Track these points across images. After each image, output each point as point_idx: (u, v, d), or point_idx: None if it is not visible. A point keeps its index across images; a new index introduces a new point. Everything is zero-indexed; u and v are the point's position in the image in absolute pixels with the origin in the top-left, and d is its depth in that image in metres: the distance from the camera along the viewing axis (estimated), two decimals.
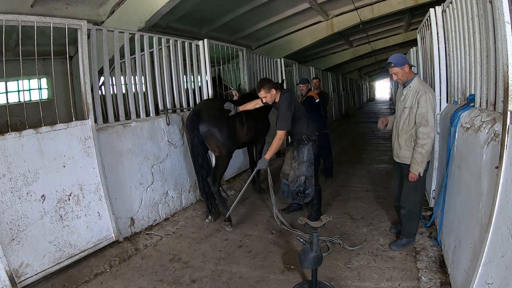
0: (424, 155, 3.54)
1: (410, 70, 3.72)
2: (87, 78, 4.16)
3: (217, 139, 4.93)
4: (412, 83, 3.69)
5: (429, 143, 3.51)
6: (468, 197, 2.90)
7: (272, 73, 10.06)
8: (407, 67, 3.69)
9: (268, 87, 4.44)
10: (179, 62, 5.92)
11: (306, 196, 4.69)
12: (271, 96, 4.48)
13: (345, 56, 18.47)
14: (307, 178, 4.64)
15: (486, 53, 2.84)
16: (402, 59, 3.71)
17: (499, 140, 2.22)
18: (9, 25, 3.46)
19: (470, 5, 3.20)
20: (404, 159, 3.79)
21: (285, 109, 4.40)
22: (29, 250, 3.51)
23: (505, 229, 2.03)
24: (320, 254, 3.23)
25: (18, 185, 3.47)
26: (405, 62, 3.68)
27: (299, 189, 4.67)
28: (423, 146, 3.51)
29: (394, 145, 3.95)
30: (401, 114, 3.79)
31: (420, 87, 3.61)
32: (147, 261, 4.16)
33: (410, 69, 3.73)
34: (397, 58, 3.73)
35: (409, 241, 4.02)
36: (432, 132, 3.51)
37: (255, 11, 9.40)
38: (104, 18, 6.88)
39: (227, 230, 4.83)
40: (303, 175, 4.62)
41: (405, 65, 3.67)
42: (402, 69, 3.69)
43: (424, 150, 3.52)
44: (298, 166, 4.65)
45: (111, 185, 4.39)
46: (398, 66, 3.68)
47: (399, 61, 3.68)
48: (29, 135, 3.59)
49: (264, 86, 4.44)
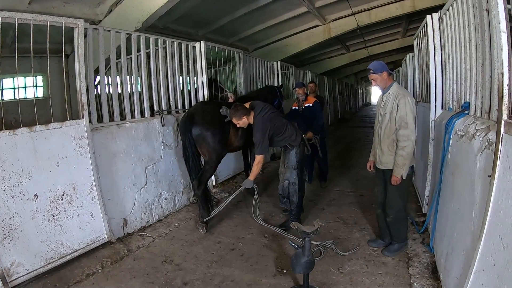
0: (406, 157, 3.60)
1: (388, 76, 3.82)
2: (82, 78, 4.15)
3: (208, 143, 4.89)
4: (391, 89, 3.78)
5: (409, 145, 3.58)
6: (461, 204, 2.91)
7: (269, 76, 10.08)
8: (385, 74, 3.78)
9: (238, 116, 4.49)
10: (175, 64, 5.91)
11: (291, 203, 4.73)
12: (244, 123, 4.55)
13: (341, 60, 18.56)
14: (290, 184, 4.68)
15: (482, 61, 2.85)
16: (380, 66, 3.82)
17: (492, 149, 2.23)
18: (6, 22, 3.43)
19: (466, 13, 3.22)
20: (387, 165, 3.81)
21: (261, 135, 4.43)
22: (21, 249, 3.49)
23: (497, 238, 2.04)
24: (312, 259, 3.24)
25: (11, 184, 3.45)
26: (384, 69, 3.78)
27: (283, 193, 4.73)
28: (403, 148, 3.58)
29: (377, 151, 3.98)
30: (382, 120, 3.85)
31: (398, 91, 3.71)
32: (139, 262, 4.14)
33: (389, 76, 3.83)
34: (376, 64, 3.84)
35: (401, 245, 4.02)
36: (413, 135, 3.58)
37: (252, 14, 9.43)
38: (102, 17, 6.85)
39: (200, 231, 4.85)
40: (287, 180, 4.69)
41: (383, 71, 3.77)
42: (381, 76, 3.79)
43: (405, 152, 3.58)
44: (284, 170, 4.75)
45: (104, 185, 4.36)
46: (377, 72, 3.79)
47: (378, 68, 3.79)
48: (23, 133, 3.56)
49: (235, 115, 4.50)
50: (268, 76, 10.00)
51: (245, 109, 4.51)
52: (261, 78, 9.47)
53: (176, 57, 5.92)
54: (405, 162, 3.61)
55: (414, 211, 4.99)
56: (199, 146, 4.92)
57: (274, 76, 10.48)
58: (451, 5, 3.79)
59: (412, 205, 5.22)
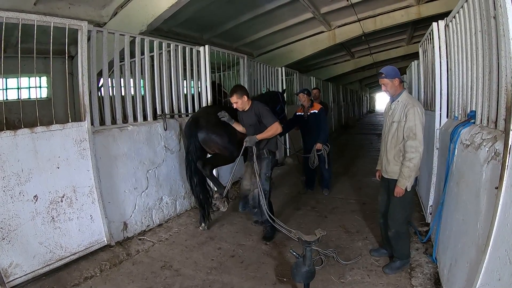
0: (412, 169, 3.49)
1: (400, 84, 3.70)
2: (85, 80, 4.14)
3: (218, 143, 4.89)
4: (401, 97, 3.67)
5: (417, 157, 3.46)
6: (465, 215, 2.86)
7: (273, 81, 10.06)
8: (397, 81, 3.67)
9: (240, 93, 4.53)
10: (179, 67, 5.89)
11: (263, 212, 4.48)
12: (242, 103, 4.57)
13: (346, 67, 18.57)
14: (261, 192, 4.49)
15: (489, 69, 2.80)
16: (394, 71, 3.69)
17: (499, 160, 2.18)
18: (10, 22, 3.44)
19: (473, 21, 3.18)
20: (392, 174, 3.71)
21: (267, 110, 4.55)
22: (19, 250, 3.48)
23: (503, 252, 1.99)
24: (313, 268, 3.21)
25: (11, 184, 3.44)
26: (396, 75, 3.66)
27: (254, 203, 4.64)
28: (410, 160, 3.46)
29: (382, 160, 3.89)
30: (389, 128, 3.74)
31: (408, 100, 3.59)
32: (138, 267, 4.11)
33: (400, 83, 3.71)
34: (389, 70, 3.71)
35: (403, 263, 3.85)
36: (421, 147, 3.47)
37: (257, 19, 9.45)
38: (107, 19, 6.88)
39: (222, 209, 4.73)
40: (257, 189, 4.53)
41: (395, 78, 3.65)
42: (392, 82, 3.67)
43: (412, 164, 3.46)
44: (255, 179, 4.57)
45: (105, 188, 4.35)
46: (388, 77, 3.67)
47: (391, 73, 3.67)
48: (24, 134, 3.56)
49: (237, 92, 4.53)
50: (272, 82, 9.98)
51: (247, 92, 4.62)
52: (265, 84, 9.46)
53: (180, 61, 5.90)
54: (411, 174, 3.50)
55: (418, 221, 4.94)
56: (209, 147, 4.91)
57: (279, 81, 10.45)
58: (457, 12, 3.75)
59: (415, 215, 5.18)
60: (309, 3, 8.85)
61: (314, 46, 11.95)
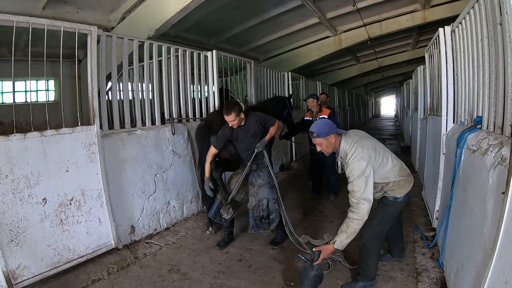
0: (349, 234, 3.11)
1: (337, 138, 3.26)
2: (94, 84, 4.19)
3: (229, 149, 4.81)
4: (340, 152, 3.28)
5: (357, 221, 3.08)
6: (472, 220, 2.86)
7: (279, 86, 10.07)
8: (332, 137, 3.23)
9: (238, 111, 4.21)
10: (187, 72, 5.94)
11: (272, 222, 4.40)
12: (240, 120, 4.28)
13: (352, 71, 18.60)
14: (270, 201, 4.40)
15: (495, 75, 2.81)
16: (326, 127, 3.23)
17: (506, 165, 2.19)
18: (20, 26, 3.50)
19: (480, 27, 3.19)
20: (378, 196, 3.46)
21: (265, 115, 4.54)
22: (27, 252, 3.51)
23: (510, 256, 1.99)
24: (321, 273, 3.25)
25: (20, 187, 3.48)
26: (330, 131, 3.21)
27: (262, 214, 4.37)
28: (351, 221, 3.10)
29: None
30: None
31: (346, 153, 3.20)
32: (146, 270, 4.13)
33: (337, 136, 3.27)
34: (321, 127, 3.25)
35: (365, 286, 3.49)
36: (362, 203, 3.05)
37: (264, 24, 9.51)
38: (115, 24, 6.95)
39: (225, 217, 4.42)
40: (265, 198, 4.39)
41: (329, 135, 3.21)
42: (327, 140, 3.24)
43: (351, 227, 3.10)
44: (259, 190, 4.43)
45: (113, 192, 4.38)
46: (322, 136, 3.22)
47: (323, 131, 3.22)
48: (34, 137, 3.61)
49: (235, 110, 4.18)
50: (278, 86, 9.99)
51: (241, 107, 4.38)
52: (271, 88, 9.48)
53: (188, 66, 5.95)
54: (347, 241, 3.13)
55: (424, 225, 4.93)
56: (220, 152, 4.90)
57: (285, 86, 10.46)
58: (463, 18, 3.76)
59: (421, 219, 5.17)
60: (315, 8, 8.89)
61: (320, 51, 11.99)
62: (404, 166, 3.41)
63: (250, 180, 4.51)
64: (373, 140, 3.39)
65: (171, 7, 6.15)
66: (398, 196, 3.31)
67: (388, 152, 3.35)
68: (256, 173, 4.51)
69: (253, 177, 4.50)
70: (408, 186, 3.34)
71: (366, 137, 3.37)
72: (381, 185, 3.33)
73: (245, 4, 8.01)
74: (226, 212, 4.39)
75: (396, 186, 3.29)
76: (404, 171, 3.35)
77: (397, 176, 3.28)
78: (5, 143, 3.38)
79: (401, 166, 3.35)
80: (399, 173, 3.30)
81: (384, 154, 3.27)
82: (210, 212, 4.52)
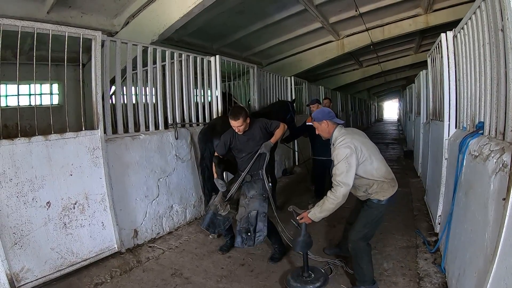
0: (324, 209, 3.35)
1: (330, 124, 3.57)
2: (98, 88, 4.23)
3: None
4: (332, 138, 3.54)
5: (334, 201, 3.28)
6: (474, 225, 2.86)
7: (282, 91, 10.11)
8: (325, 123, 3.56)
9: (245, 116, 4.15)
10: (190, 77, 5.97)
11: (258, 236, 4.08)
12: (246, 125, 4.22)
13: (354, 76, 18.62)
14: (259, 214, 4.14)
15: (497, 81, 2.82)
16: (321, 114, 3.61)
17: (507, 171, 2.20)
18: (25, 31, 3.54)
19: (481, 32, 3.20)
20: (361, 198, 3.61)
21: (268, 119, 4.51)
22: (31, 255, 3.53)
23: (511, 261, 2.00)
24: (308, 239, 3.63)
25: (24, 191, 3.52)
26: (324, 117, 3.57)
27: (248, 226, 4.06)
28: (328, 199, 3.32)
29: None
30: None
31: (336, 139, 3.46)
32: (148, 274, 4.15)
33: (331, 124, 3.58)
34: (317, 113, 3.65)
35: None
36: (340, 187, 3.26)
37: (267, 29, 9.56)
38: (118, 28, 7.00)
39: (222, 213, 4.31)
40: (255, 210, 4.14)
41: (322, 120, 3.56)
42: (320, 124, 3.59)
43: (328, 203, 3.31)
44: (250, 201, 4.23)
45: (116, 196, 4.42)
46: (317, 121, 3.61)
47: (317, 117, 3.61)
48: (38, 141, 3.64)
49: (242, 115, 4.12)
50: (281, 91, 10.03)
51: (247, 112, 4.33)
52: (274, 93, 9.51)
53: (191, 71, 5.98)
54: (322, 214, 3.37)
55: (426, 231, 4.92)
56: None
57: (288, 91, 10.51)
58: (465, 24, 3.78)
59: (424, 224, 5.16)
60: (318, 13, 8.92)
61: (323, 55, 12.02)
62: (390, 170, 3.50)
63: (243, 191, 4.37)
64: (365, 139, 3.59)
65: (175, 12, 6.19)
66: (381, 199, 3.37)
67: (377, 155, 3.48)
68: (249, 184, 4.37)
69: (246, 188, 4.36)
70: (392, 190, 3.41)
71: (358, 134, 3.62)
72: (365, 186, 3.44)
73: (248, 9, 8.05)
74: (223, 209, 4.33)
75: (380, 188, 3.38)
76: (389, 174, 3.44)
77: (381, 176, 3.39)
78: (9, 147, 3.41)
79: (387, 170, 3.45)
80: (383, 175, 3.40)
81: (372, 153, 3.42)
82: (203, 224, 4.34)
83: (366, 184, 3.41)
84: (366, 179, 3.39)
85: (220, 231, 4.52)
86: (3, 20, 3.31)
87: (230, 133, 4.35)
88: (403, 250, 4.51)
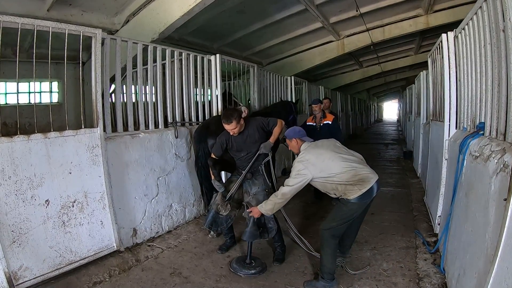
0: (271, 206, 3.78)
1: (298, 142, 3.93)
2: (98, 87, 4.21)
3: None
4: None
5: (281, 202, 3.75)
6: (474, 226, 2.86)
7: (282, 90, 10.10)
8: (295, 141, 3.93)
9: (238, 118, 4.07)
10: (190, 76, 5.96)
11: (270, 231, 4.19)
12: (241, 127, 4.16)
13: (354, 76, 18.62)
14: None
15: (498, 81, 2.81)
16: (292, 132, 3.97)
17: (508, 172, 2.19)
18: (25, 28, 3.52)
19: (483, 33, 3.19)
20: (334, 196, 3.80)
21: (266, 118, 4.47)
22: (29, 254, 3.52)
23: (511, 262, 2.00)
24: (256, 231, 4.08)
25: (23, 188, 3.50)
26: (294, 135, 3.94)
27: (258, 221, 4.13)
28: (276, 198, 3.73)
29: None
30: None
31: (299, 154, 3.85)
32: (147, 273, 4.13)
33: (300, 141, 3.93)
34: (289, 131, 4.01)
35: (325, 286, 3.65)
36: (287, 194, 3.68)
37: (267, 29, 9.55)
38: (119, 27, 6.99)
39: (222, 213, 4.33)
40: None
41: (292, 138, 3.93)
42: (291, 142, 3.97)
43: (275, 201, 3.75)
44: (253, 198, 4.25)
45: (115, 194, 4.40)
46: (288, 138, 3.98)
47: (289, 134, 3.97)
48: (37, 139, 3.62)
49: (235, 117, 4.03)
50: (281, 91, 10.02)
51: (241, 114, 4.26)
52: (274, 92, 9.51)
53: (191, 69, 5.96)
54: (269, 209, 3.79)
55: (426, 231, 4.92)
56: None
57: (288, 90, 10.50)
58: (466, 24, 3.77)
59: (423, 225, 5.16)
60: (318, 13, 8.92)
61: (323, 55, 12.02)
62: (356, 173, 3.57)
63: (245, 189, 4.39)
64: (328, 151, 3.75)
65: (175, 10, 6.19)
66: (350, 198, 3.51)
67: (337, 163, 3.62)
68: (251, 181, 4.39)
69: (248, 185, 4.38)
70: (359, 190, 3.50)
71: (322, 148, 3.83)
72: (332, 190, 3.65)
73: (249, 8, 8.03)
74: (224, 209, 4.34)
75: (345, 190, 3.54)
76: (354, 177, 3.54)
77: (344, 180, 3.54)
78: (8, 144, 3.39)
79: (352, 173, 3.56)
80: (347, 179, 3.54)
81: (330, 164, 3.61)
82: (206, 223, 4.41)
83: (332, 188, 3.63)
84: (330, 184, 3.61)
85: (223, 229, 4.55)
86: (3, 17, 3.29)
87: (226, 134, 4.30)
88: (402, 250, 4.50)
